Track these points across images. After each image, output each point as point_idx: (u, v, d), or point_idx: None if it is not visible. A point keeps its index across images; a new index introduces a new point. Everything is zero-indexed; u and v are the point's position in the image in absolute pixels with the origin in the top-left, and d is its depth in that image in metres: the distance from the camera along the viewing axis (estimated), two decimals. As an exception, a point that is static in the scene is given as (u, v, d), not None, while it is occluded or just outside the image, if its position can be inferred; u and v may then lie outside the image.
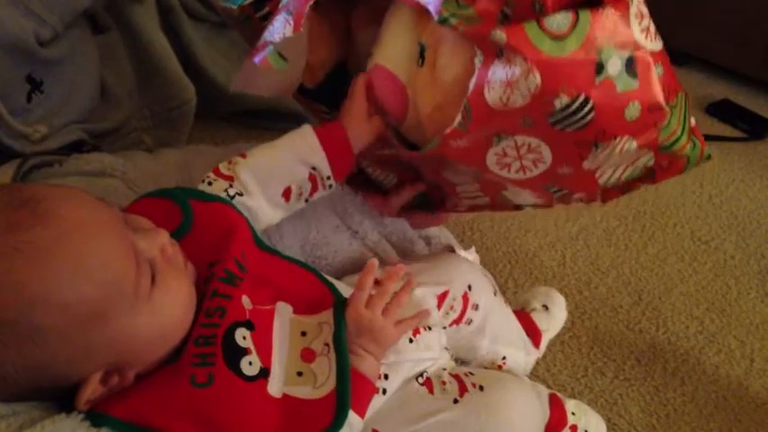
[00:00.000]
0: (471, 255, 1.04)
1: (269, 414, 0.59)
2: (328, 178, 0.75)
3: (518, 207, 0.82)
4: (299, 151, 0.73)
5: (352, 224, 0.92)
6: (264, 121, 1.37)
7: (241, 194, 0.71)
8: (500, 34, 0.59)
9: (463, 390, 0.73)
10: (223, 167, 0.72)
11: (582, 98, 0.61)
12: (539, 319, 0.98)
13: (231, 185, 0.71)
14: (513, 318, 0.92)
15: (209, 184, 0.71)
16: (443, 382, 0.74)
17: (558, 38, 0.59)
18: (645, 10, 0.62)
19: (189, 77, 1.23)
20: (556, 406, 0.85)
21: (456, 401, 0.72)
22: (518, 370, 0.90)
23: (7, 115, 0.77)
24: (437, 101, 0.69)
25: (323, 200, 0.93)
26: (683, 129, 0.68)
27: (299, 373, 0.62)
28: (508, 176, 0.72)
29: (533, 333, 0.95)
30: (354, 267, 0.88)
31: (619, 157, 0.67)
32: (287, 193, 0.73)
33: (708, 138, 1.61)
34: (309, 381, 0.62)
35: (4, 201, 0.53)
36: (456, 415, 0.71)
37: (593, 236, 1.28)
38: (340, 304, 0.66)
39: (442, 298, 0.80)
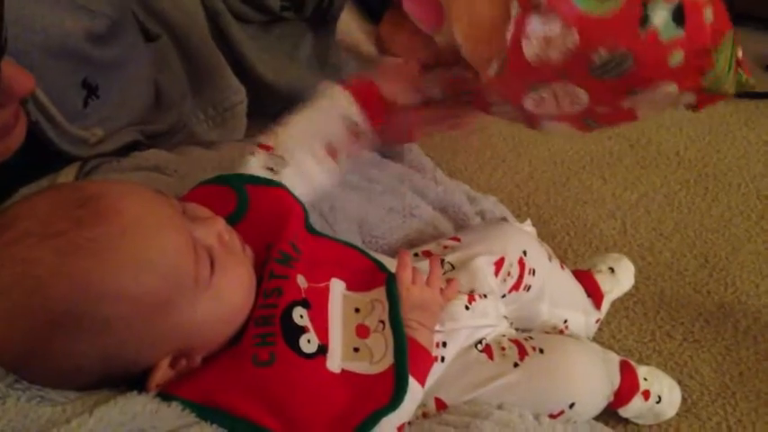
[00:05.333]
0: (528, 227, 1.03)
1: (331, 389, 0.60)
2: (366, 128, 0.76)
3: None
4: (332, 106, 0.74)
5: (405, 206, 0.93)
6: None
7: (285, 165, 0.72)
8: None
9: (523, 353, 0.73)
10: (264, 138, 0.74)
11: (622, 51, 0.60)
12: (602, 280, 0.96)
13: (273, 157, 0.73)
14: (572, 280, 0.91)
15: (252, 154, 0.73)
16: (503, 348, 0.74)
17: None
18: None
19: (238, 78, 1.26)
20: (627, 372, 0.84)
21: (516, 365, 0.72)
22: (580, 332, 0.89)
23: (64, 121, 0.80)
24: (472, 33, 0.68)
25: (377, 184, 0.96)
26: (729, 69, 0.66)
27: (356, 349, 0.63)
28: (543, 113, 0.72)
29: (595, 293, 0.94)
30: (412, 246, 0.89)
31: (660, 100, 0.66)
32: (331, 150, 0.75)
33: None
34: (366, 356, 0.63)
35: (65, 199, 0.55)
36: (517, 378, 0.72)
37: (654, 202, 1.26)
38: (392, 282, 0.68)
39: (499, 265, 0.80)
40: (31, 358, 0.53)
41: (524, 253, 0.82)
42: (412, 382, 0.62)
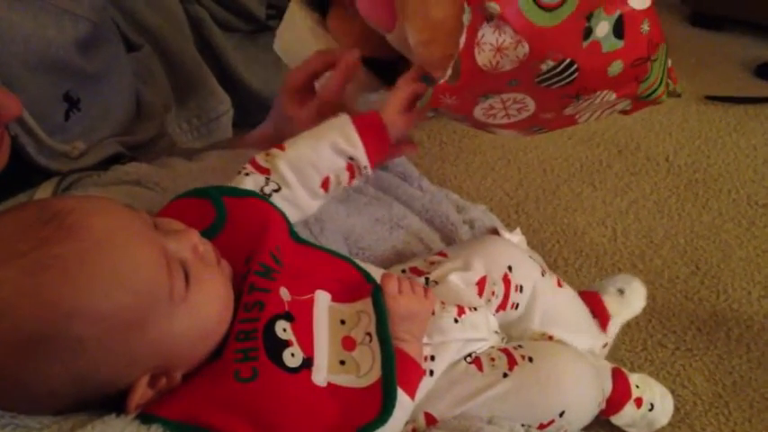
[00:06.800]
0: (516, 236, 1.02)
1: (318, 403, 0.59)
2: (365, 168, 0.75)
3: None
4: (337, 142, 0.72)
5: (392, 216, 0.92)
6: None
7: (278, 189, 0.71)
8: (494, 6, 0.60)
9: (512, 363, 0.72)
10: (260, 159, 0.72)
11: (567, 61, 0.64)
12: (609, 302, 0.92)
13: (268, 180, 0.71)
14: (571, 298, 0.87)
15: (246, 175, 0.71)
16: (492, 359, 0.73)
17: (551, 8, 0.62)
18: None
19: (224, 88, 1.25)
20: (619, 379, 0.82)
21: (505, 375, 0.71)
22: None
23: (44, 136, 0.78)
24: (424, 37, 0.69)
25: (362, 194, 0.94)
26: (662, 79, 0.71)
27: (342, 362, 0.62)
28: (493, 123, 0.75)
29: (601, 314, 0.89)
30: (399, 257, 0.88)
31: (598, 105, 0.71)
32: (325, 184, 0.73)
33: (759, 100, 1.57)
34: (353, 369, 0.62)
35: (32, 217, 0.54)
36: (506, 388, 0.70)
37: (644, 209, 1.25)
38: (378, 294, 0.66)
39: (481, 284, 0.78)
40: (2, 383, 0.52)
41: (509, 269, 0.80)
42: (401, 394, 0.61)
